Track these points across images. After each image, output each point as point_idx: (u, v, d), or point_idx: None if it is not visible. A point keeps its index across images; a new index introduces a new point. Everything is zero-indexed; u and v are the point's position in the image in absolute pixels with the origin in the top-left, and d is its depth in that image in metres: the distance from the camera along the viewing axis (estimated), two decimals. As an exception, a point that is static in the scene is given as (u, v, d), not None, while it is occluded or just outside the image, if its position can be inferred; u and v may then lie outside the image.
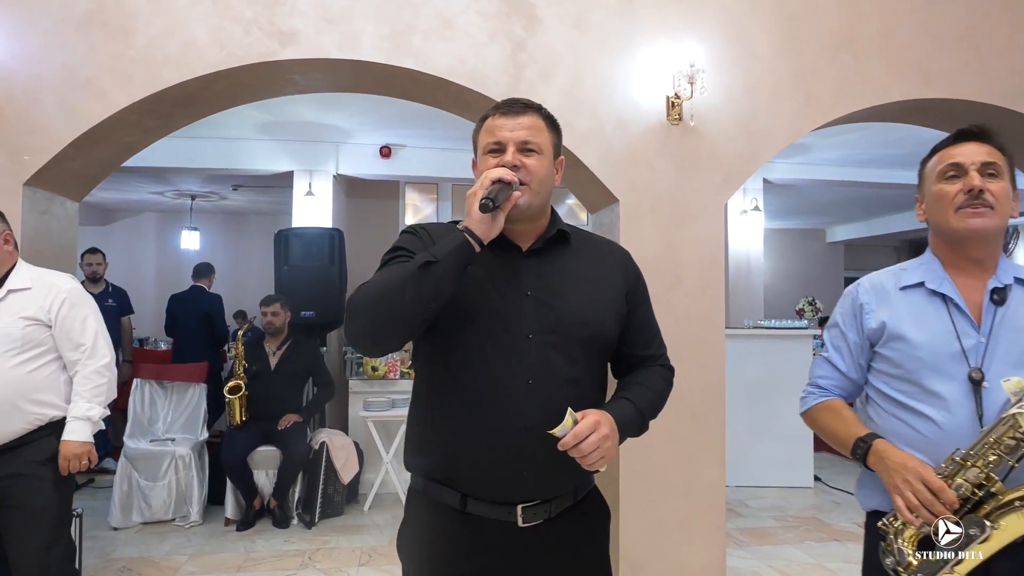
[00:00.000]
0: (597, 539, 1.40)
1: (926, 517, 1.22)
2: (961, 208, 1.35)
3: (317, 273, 5.19)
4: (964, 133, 1.42)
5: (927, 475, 1.24)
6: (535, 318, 1.28)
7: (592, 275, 1.38)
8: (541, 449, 1.23)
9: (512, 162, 1.28)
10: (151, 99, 2.81)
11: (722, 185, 3.18)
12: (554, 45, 3.07)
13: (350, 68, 3.00)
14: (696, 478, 3.11)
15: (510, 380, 1.26)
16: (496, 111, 1.35)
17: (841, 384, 1.50)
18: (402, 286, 1.17)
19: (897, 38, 3.28)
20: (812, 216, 10.83)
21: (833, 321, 1.53)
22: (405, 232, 1.38)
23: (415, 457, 1.37)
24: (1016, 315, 1.34)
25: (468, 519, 1.28)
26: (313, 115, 5.46)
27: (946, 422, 1.30)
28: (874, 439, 1.35)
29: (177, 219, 9.61)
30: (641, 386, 1.39)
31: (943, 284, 1.38)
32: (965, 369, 1.31)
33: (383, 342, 1.24)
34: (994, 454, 1.22)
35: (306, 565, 3.60)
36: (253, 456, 4.27)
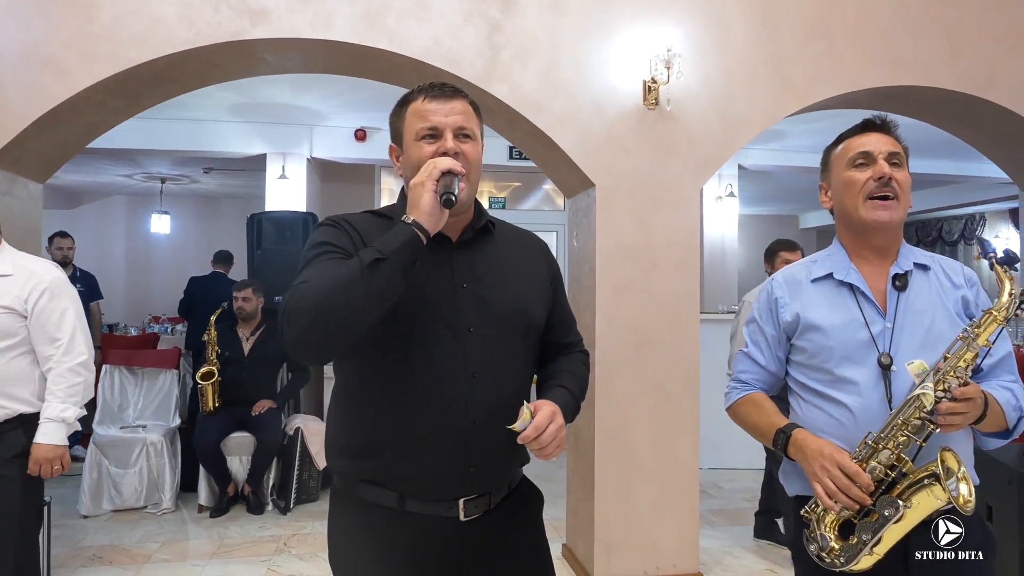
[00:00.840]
0: (533, 523, 1.40)
1: (844, 502, 1.26)
2: (871, 197, 1.39)
3: (291, 258, 5.10)
4: (870, 123, 1.47)
5: (843, 461, 1.27)
6: (473, 311, 1.26)
7: (519, 265, 1.37)
8: (487, 443, 1.23)
9: (454, 149, 1.24)
10: (117, 78, 2.74)
11: (698, 170, 3.19)
12: (531, 28, 3.04)
13: (323, 48, 2.95)
14: (670, 461, 3.15)
15: (454, 375, 1.23)
16: (423, 94, 1.29)
17: (762, 377, 1.54)
18: (349, 286, 1.09)
19: (871, 25, 3.30)
20: (785, 203, 10.96)
21: (751, 316, 1.57)
22: (324, 225, 1.28)
23: (343, 459, 1.29)
24: (918, 299, 1.40)
25: (406, 518, 1.24)
26: (286, 97, 5.36)
27: (858, 407, 1.34)
28: (793, 429, 1.39)
29: (147, 202, 9.43)
30: (571, 374, 1.39)
31: (849, 274, 1.43)
32: (874, 355, 1.36)
33: (328, 348, 1.16)
34: (903, 435, 1.26)
35: (281, 551, 3.59)
36: (227, 442, 4.22)
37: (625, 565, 3.08)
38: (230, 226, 9.59)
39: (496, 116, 3.19)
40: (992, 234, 10.60)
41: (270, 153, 6.15)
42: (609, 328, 3.10)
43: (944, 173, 7.59)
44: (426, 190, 1.16)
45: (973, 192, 8.88)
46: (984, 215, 10.63)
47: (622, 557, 3.08)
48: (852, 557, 1.27)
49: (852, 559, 1.27)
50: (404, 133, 1.30)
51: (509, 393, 1.26)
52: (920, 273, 1.43)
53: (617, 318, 3.10)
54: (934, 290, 1.41)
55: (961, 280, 1.44)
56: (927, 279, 1.43)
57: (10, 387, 2.13)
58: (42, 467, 2.14)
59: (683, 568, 3.14)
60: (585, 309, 3.21)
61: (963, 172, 7.56)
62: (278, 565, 3.39)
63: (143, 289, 9.39)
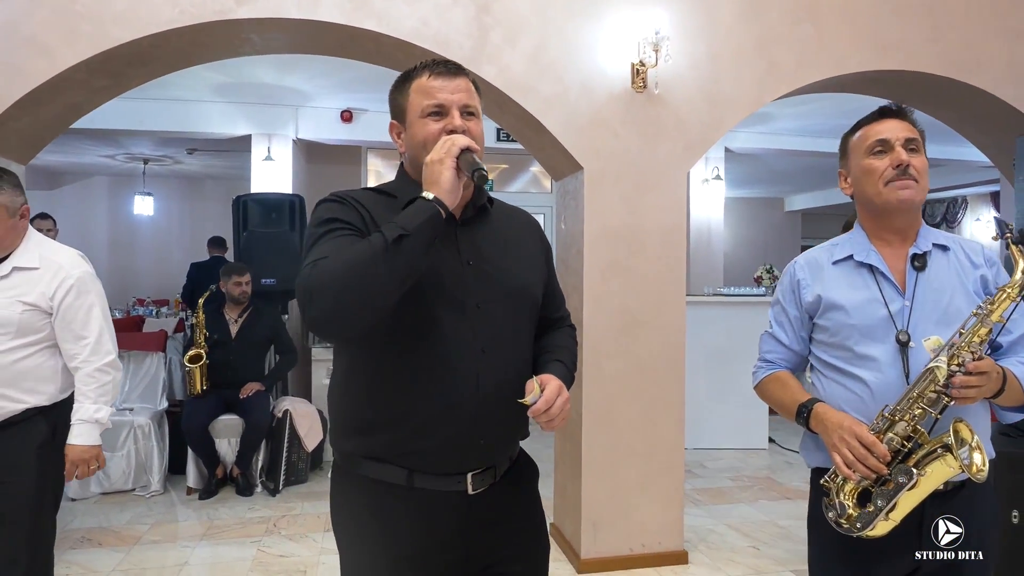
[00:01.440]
0: (531, 493, 1.43)
1: (862, 471, 1.31)
2: (891, 182, 1.43)
3: (278, 240, 5.10)
4: (887, 110, 1.51)
5: (861, 432, 1.32)
6: (480, 287, 1.27)
7: (518, 242, 1.39)
8: (495, 416, 1.26)
9: (462, 127, 1.24)
10: (100, 57, 2.70)
11: (685, 153, 3.20)
12: (519, 8, 3.02)
13: (309, 28, 2.92)
14: (656, 441, 3.19)
15: (464, 350, 1.24)
16: (427, 71, 1.28)
17: (786, 356, 1.59)
18: (372, 263, 1.08)
19: (857, 8, 3.31)
20: (771, 185, 11.01)
21: (775, 299, 1.62)
22: (329, 201, 1.27)
23: (350, 438, 1.29)
24: (936, 278, 1.44)
25: (413, 494, 1.25)
26: (271, 77, 5.30)
27: (877, 382, 1.39)
28: (814, 403, 1.44)
29: (129, 183, 9.31)
30: (565, 349, 1.43)
31: (869, 255, 1.47)
32: (893, 332, 1.40)
33: (352, 325, 1.14)
34: (919, 408, 1.31)
35: (271, 532, 3.61)
36: (215, 425, 4.23)
37: (611, 543, 3.14)
38: (214, 208, 9.51)
39: (484, 98, 3.15)
40: (974, 217, 10.73)
41: (255, 134, 6.09)
42: (597, 310, 3.13)
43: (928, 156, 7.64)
44: (445, 167, 1.16)
45: (955, 176, 8.97)
46: (966, 198, 10.75)
47: (608, 535, 3.14)
48: (868, 522, 1.32)
49: (868, 524, 1.32)
50: (407, 110, 1.30)
51: (516, 367, 1.29)
52: (939, 253, 1.47)
53: (604, 300, 3.13)
54: (953, 269, 1.45)
55: (980, 260, 1.48)
56: (946, 259, 1.46)
57: (33, 382, 2.07)
58: (79, 468, 2.10)
59: (668, 546, 3.20)
60: (573, 291, 3.23)
61: (946, 156, 7.62)
62: (268, 546, 3.42)
63: (127, 271, 9.30)
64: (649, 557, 3.16)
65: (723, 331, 5.25)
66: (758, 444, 5.40)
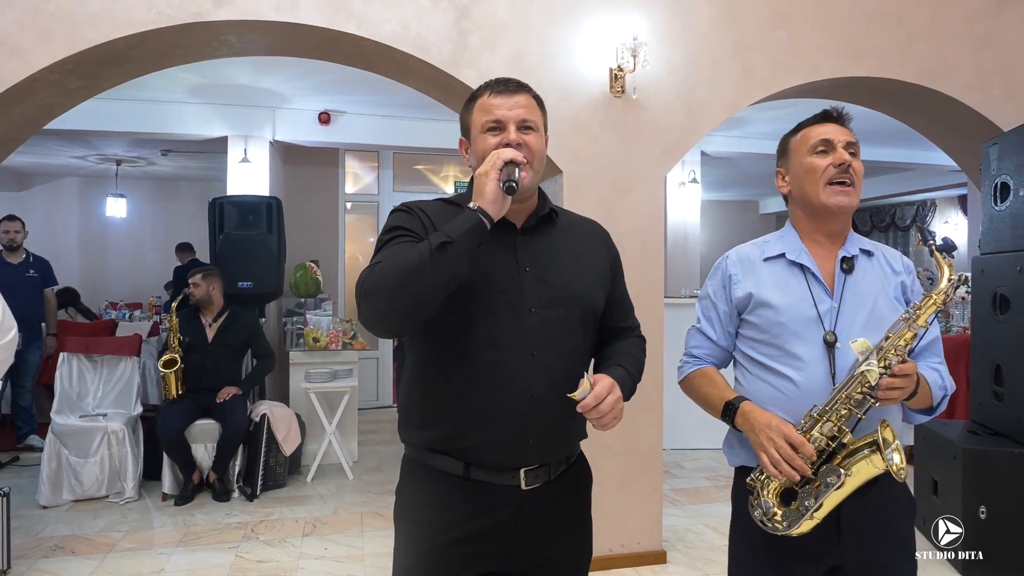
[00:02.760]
0: (584, 500, 1.50)
1: (787, 471, 1.33)
2: (831, 183, 1.47)
3: (255, 243, 5.04)
4: (829, 114, 1.55)
5: (788, 431, 1.35)
6: (535, 293, 1.34)
7: (580, 251, 1.45)
8: (545, 416, 1.33)
9: (516, 140, 1.32)
10: (73, 58, 2.66)
11: (663, 157, 3.24)
12: (499, 13, 3.04)
13: (288, 31, 2.91)
14: (635, 441, 3.22)
15: (515, 352, 1.31)
16: (488, 90, 1.37)
17: (713, 352, 1.61)
18: (420, 267, 1.18)
19: (830, 15, 3.38)
20: (746, 188, 11.16)
21: (704, 293, 1.64)
22: (399, 211, 1.38)
23: (414, 431, 1.39)
24: (862, 281, 1.48)
25: (471, 485, 1.33)
26: (248, 78, 5.25)
27: (804, 381, 1.42)
28: (741, 402, 1.46)
29: (101, 185, 9.15)
30: (628, 355, 1.48)
31: (801, 255, 1.50)
32: (821, 332, 1.43)
33: (401, 323, 1.27)
34: (845, 408, 1.35)
35: (249, 537, 3.58)
36: (191, 429, 4.18)
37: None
38: (189, 209, 9.38)
39: (463, 102, 3.19)
40: (942, 220, 10.97)
41: (231, 136, 6.02)
42: (576, 313, 3.14)
43: (897, 161, 7.82)
44: (490, 179, 1.24)
45: (924, 179, 9.17)
46: (935, 201, 10.99)
47: (588, 536, 3.16)
48: (794, 522, 1.35)
49: (794, 524, 1.35)
50: (472, 126, 1.39)
51: (567, 371, 1.34)
52: (865, 258, 1.52)
53: (584, 303, 3.15)
54: (877, 274, 1.50)
55: (900, 267, 1.54)
56: (871, 264, 1.51)
57: None
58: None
59: (647, 546, 3.23)
60: (552, 294, 3.25)
61: (915, 160, 7.79)
62: (246, 552, 3.39)
63: (99, 274, 9.14)
64: (628, 557, 3.19)
65: (700, 333, 5.29)
66: (734, 444, 5.46)
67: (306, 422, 4.76)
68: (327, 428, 4.63)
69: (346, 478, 4.64)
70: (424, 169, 7.80)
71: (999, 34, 3.64)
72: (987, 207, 3.38)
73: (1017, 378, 3.08)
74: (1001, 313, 3.20)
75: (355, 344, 5.20)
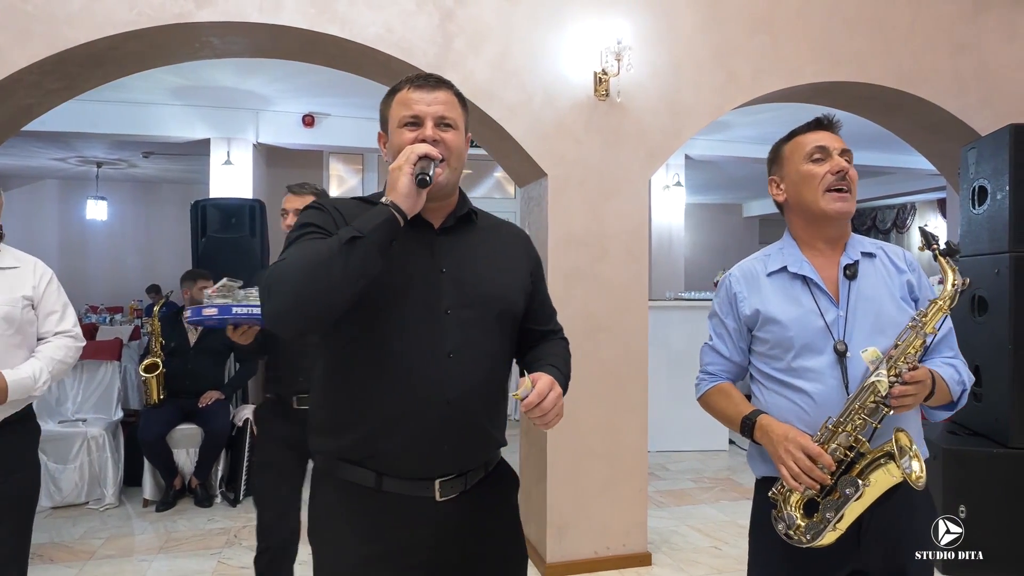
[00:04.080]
0: (508, 508, 1.44)
1: (807, 483, 1.33)
2: (830, 190, 1.47)
3: (238, 245, 5.00)
4: (821, 122, 1.55)
5: (806, 443, 1.35)
6: (452, 294, 1.30)
7: (500, 253, 1.42)
8: (462, 421, 1.28)
9: (433, 136, 1.28)
10: (52, 59, 2.63)
11: (647, 160, 3.26)
12: (484, 16, 3.04)
13: (271, 33, 2.89)
14: (620, 443, 3.23)
15: (431, 354, 1.26)
16: (409, 84, 1.33)
17: (727, 368, 1.61)
18: (328, 262, 1.13)
19: (811, 20, 3.42)
20: (730, 191, 11.24)
21: (713, 311, 1.64)
22: (310, 208, 1.32)
23: (324, 439, 1.33)
24: (867, 286, 1.48)
25: (384, 497, 1.27)
26: (231, 80, 5.22)
27: (817, 393, 1.42)
28: (758, 415, 1.46)
29: (81, 187, 9.05)
30: (557, 356, 1.46)
31: (803, 266, 1.50)
32: (831, 343, 1.43)
33: (306, 321, 1.19)
34: (860, 418, 1.35)
35: (232, 543, 3.54)
36: (173, 434, 4.13)
37: (576, 546, 3.16)
38: (171, 212, 9.30)
39: (448, 104, 3.19)
40: (921, 222, 11.11)
41: (214, 138, 5.98)
42: (561, 315, 3.09)
43: (877, 165, 7.91)
44: (403, 173, 1.20)
45: (904, 183, 9.29)
46: (914, 205, 11.13)
47: (573, 538, 3.16)
48: (818, 534, 1.35)
49: (818, 536, 1.35)
50: (390, 120, 1.34)
51: (484, 375, 1.31)
52: (867, 261, 1.51)
53: (568, 305, 3.16)
54: (881, 276, 1.50)
55: (904, 265, 1.53)
56: (874, 266, 1.51)
57: None
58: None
59: (632, 548, 3.24)
60: (537, 297, 3.25)
61: (895, 164, 7.89)
62: (228, 558, 3.35)
63: (79, 278, 9.02)
64: (613, 559, 3.19)
65: (684, 335, 5.34)
66: (718, 446, 5.50)
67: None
68: (311, 432, 4.59)
69: (330, 482, 4.60)
70: (409, 172, 7.78)
71: (976, 39, 3.69)
72: (965, 210, 3.43)
73: (995, 379, 3.12)
74: (979, 315, 3.24)
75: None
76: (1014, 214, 3.04)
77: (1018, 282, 3.00)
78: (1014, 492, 2.99)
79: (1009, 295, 3.01)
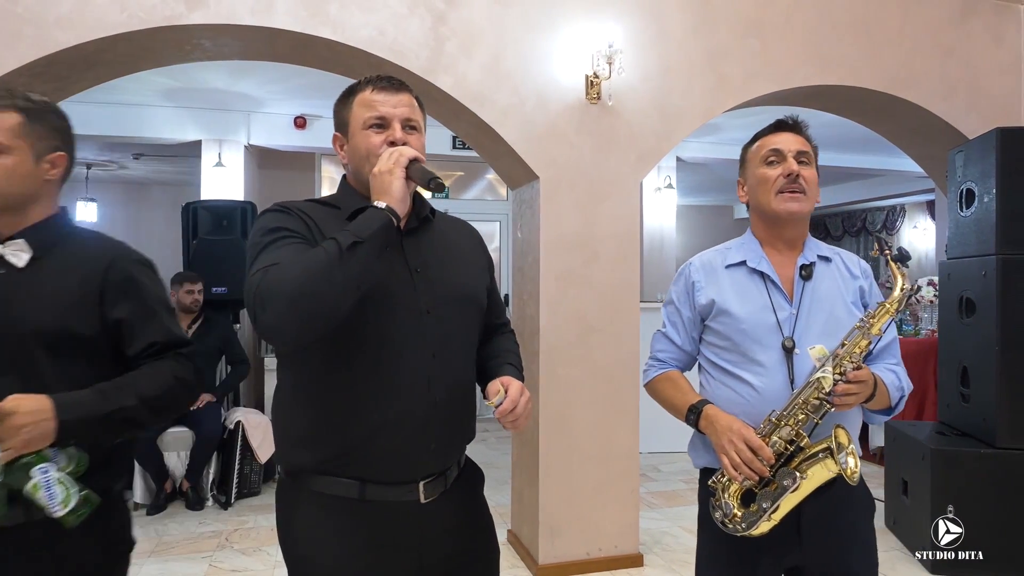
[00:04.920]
0: (481, 501, 1.46)
1: (747, 473, 1.37)
2: (781, 192, 1.51)
3: (229, 248, 4.99)
4: (783, 123, 1.58)
5: (749, 435, 1.39)
6: (428, 293, 1.29)
7: (461, 250, 1.43)
8: (446, 418, 1.29)
9: (402, 139, 1.28)
10: (42, 61, 2.62)
11: (638, 163, 3.27)
12: (476, 19, 3.05)
13: (263, 35, 2.89)
14: (612, 445, 3.24)
15: (415, 356, 1.26)
16: (370, 85, 1.32)
17: (678, 356, 1.65)
18: (328, 269, 1.10)
19: (801, 25, 3.45)
20: (721, 193, 11.28)
21: (669, 298, 1.67)
22: (273, 211, 1.28)
23: (299, 451, 1.27)
24: (820, 288, 1.52)
25: (366, 507, 1.24)
26: (223, 82, 5.21)
27: (764, 386, 1.46)
28: (704, 405, 1.49)
29: (70, 189, 8.96)
30: (512, 353, 1.48)
31: (761, 263, 1.54)
32: (780, 339, 1.47)
33: (306, 331, 1.14)
34: (802, 413, 1.38)
35: (223, 546, 3.53)
36: (163, 437, 4.11)
37: (569, 548, 3.17)
38: (162, 214, 9.24)
39: (441, 107, 3.20)
40: (911, 225, 11.19)
41: (205, 140, 5.95)
42: (553, 317, 3.16)
43: (868, 167, 7.97)
44: (395, 177, 1.20)
45: (894, 185, 9.35)
46: (904, 207, 11.21)
47: (566, 540, 3.17)
48: (752, 523, 1.39)
49: (752, 525, 1.39)
50: (350, 122, 1.33)
51: (465, 371, 1.34)
52: (823, 264, 1.55)
53: (560, 307, 3.17)
54: (835, 280, 1.54)
55: (858, 271, 1.57)
56: (829, 270, 1.55)
57: None
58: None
59: (624, 549, 3.25)
60: (529, 298, 3.26)
61: (885, 166, 7.95)
62: (220, 561, 3.34)
63: (68, 280, 8.96)
64: (605, 561, 3.20)
65: (676, 337, 5.35)
66: (710, 447, 5.51)
67: (282, 429, 4.71)
68: (303, 435, 4.59)
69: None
70: (401, 174, 7.78)
71: (964, 44, 3.73)
72: (953, 213, 3.46)
73: (982, 380, 3.15)
74: (967, 316, 3.27)
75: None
76: (1001, 217, 3.08)
77: (1005, 284, 3.03)
78: (1002, 492, 3.02)
79: (996, 297, 3.05)
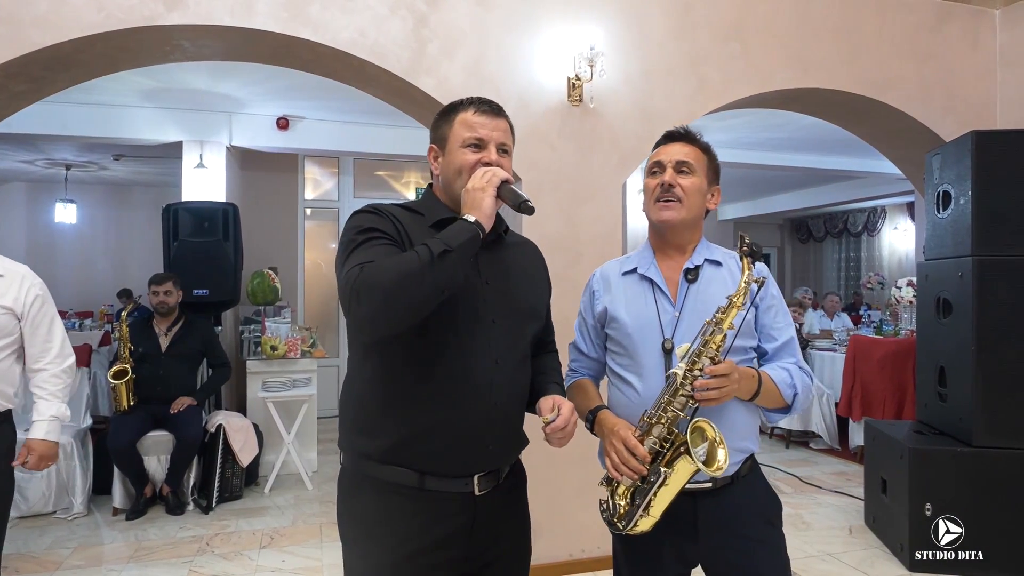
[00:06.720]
0: (524, 499, 1.57)
1: (627, 472, 1.42)
2: (657, 200, 1.57)
3: (211, 250, 4.94)
4: (671, 135, 1.65)
5: (626, 436, 1.44)
6: (496, 304, 1.40)
7: (527, 267, 1.54)
8: (504, 422, 1.40)
9: (497, 161, 1.39)
10: (17, 61, 2.59)
11: (620, 165, 3.29)
12: (457, 21, 3.05)
13: (243, 36, 2.87)
14: (595, 447, 3.23)
15: (480, 361, 1.36)
16: (472, 107, 1.42)
17: (587, 364, 1.71)
18: (420, 272, 1.20)
19: (780, 28, 3.48)
20: (705, 195, 11.34)
21: (579, 309, 1.74)
22: (367, 212, 1.38)
23: (363, 439, 1.38)
24: (705, 290, 1.55)
25: (424, 495, 1.34)
26: (204, 83, 5.16)
27: (644, 388, 1.52)
28: (600, 410, 1.56)
29: (50, 190, 8.87)
30: (557, 372, 1.59)
31: (650, 269, 1.60)
32: (660, 340, 1.52)
33: (394, 326, 1.25)
34: (672, 411, 1.42)
35: (204, 551, 3.50)
36: (143, 441, 4.07)
37: (551, 549, 3.17)
38: (142, 216, 9.16)
39: (422, 109, 3.19)
40: (892, 226, 11.33)
41: (187, 141, 5.89)
42: (535, 319, 3.16)
43: (849, 169, 8.06)
44: (487, 195, 1.31)
45: (874, 187, 9.46)
46: (885, 208, 11.34)
47: (548, 541, 3.17)
48: (631, 520, 1.43)
49: (631, 522, 1.43)
50: (449, 138, 1.43)
51: (522, 380, 1.45)
52: (712, 267, 1.59)
53: (543, 309, 3.17)
54: (722, 282, 1.56)
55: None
56: (718, 273, 1.58)
57: (5, 385, 2.20)
58: (42, 461, 2.27)
59: (606, 550, 3.22)
60: (512, 301, 3.26)
61: (866, 168, 8.04)
62: (200, 566, 3.31)
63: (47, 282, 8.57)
64: (587, 562, 3.21)
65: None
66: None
67: (264, 432, 4.68)
68: (285, 438, 4.56)
69: (305, 488, 4.57)
70: (385, 175, 7.75)
71: (940, 48, 3.78)
72: (930, 215, 3.51)
73: (959, 380, 3.19)
74: (944, 317, 3.31)
75: (314, 352, 5.13)
76: (977, 218, 3.12)
77: (981, 285, 3.08)
78: (978, 490, 3.06)
79: (972, 297, 3.09)
